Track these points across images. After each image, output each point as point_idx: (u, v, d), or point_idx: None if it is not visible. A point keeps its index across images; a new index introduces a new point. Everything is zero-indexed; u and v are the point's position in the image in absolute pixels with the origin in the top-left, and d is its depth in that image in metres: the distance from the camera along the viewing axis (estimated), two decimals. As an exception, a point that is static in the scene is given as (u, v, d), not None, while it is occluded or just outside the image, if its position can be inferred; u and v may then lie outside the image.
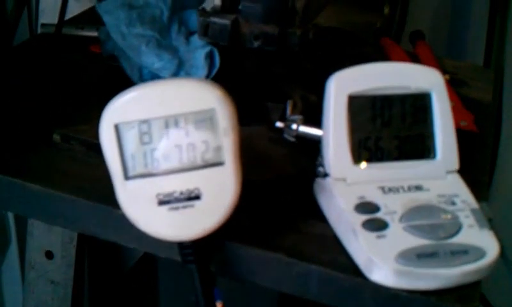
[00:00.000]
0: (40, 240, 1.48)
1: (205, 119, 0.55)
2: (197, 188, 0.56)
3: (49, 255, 1.48)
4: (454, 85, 0.91)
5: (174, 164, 0.56)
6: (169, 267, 1.37)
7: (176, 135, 0.55)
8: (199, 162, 0.56)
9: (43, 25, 0.99)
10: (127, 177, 0.56)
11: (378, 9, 1.12)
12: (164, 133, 0.55)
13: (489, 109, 0.90)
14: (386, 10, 1.12)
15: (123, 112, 0.55)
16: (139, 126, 0.55)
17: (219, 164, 0.56)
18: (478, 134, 0.79)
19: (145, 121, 0.55)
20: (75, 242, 1.48)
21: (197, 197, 0.56)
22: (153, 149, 0.55)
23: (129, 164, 0.56)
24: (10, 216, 1.55)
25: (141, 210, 0.57)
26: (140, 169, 0.56)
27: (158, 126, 0.55)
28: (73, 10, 1.14)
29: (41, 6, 1.25)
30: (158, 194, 0.56)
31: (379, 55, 0.95)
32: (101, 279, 1.70)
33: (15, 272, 1.61)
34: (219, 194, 0.57)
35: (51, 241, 1.47)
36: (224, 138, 0.55)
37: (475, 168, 0.74)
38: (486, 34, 1.20)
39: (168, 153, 0.55)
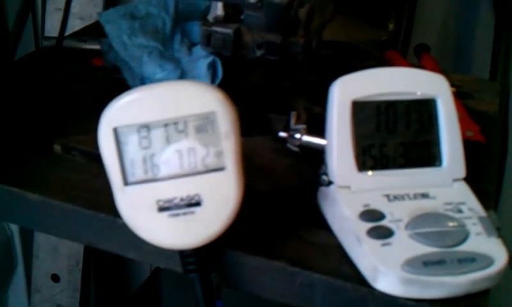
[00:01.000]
0: (45, 263, 1.48)
1: (205, 123, 0.54)
2: (197, 195, 0.55)
3: (55, 278, 1.48)
4: (460, 97, 0.90)
5: (174, 169, 0.55)
6: (173, 289, 1.37)
7: (176, 139, 0.54)
8: (199, 167, 0.55)
9: (45, 38, 0.99)
10: (126, 183, 0.55)
11: (383, 25, 1.12)
12: (163, 138, 0.54)
13: (495, 120, 0.89)
14: (391, 26, 1.12)
15: (121, 115, 0.54)
16: (138, 130, 0.54)
17: (220, 169, 0.55)
18: (484, 145, 0.78)
19: (144, 125, 0.54)
20: (81, 265, 1.48)
21: (198, 204, 0.55)
22: (152, 154, 0.54)
23: (128, 169, 0.54)
24: (16, 240, 1.55)
25: (141, 217, 0.55)
26: (140, 175, 0.55)
27: (157, 130, 0.54)
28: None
29: (49, 22, 1.26)
30: (158, 201, 0.55)
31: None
32: (107, 302, 1.69)
33: (21, 296, 1.61)
34: (220, 201, 0.55)
35: (57, 264, 1.48)
36: (225, 142, 0.54)
37: (482, 178, 0.73)
38: (492, 48, 1.19)
39: (167, 158, 0.54)
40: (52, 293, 1.50)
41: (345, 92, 0.62)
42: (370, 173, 0.62)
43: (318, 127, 0.65)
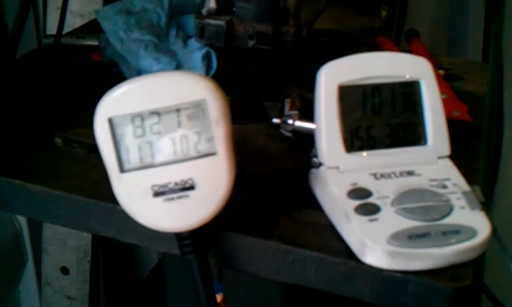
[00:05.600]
0: (55, 257, 1.50)
1: (196, 111, 0.57)
2: (191, 179, 0.57)
3: (65, 271, 1.51)
4: (450, 79, 0.92)
5: (168, 155, 0.57)
6: (177, 278, 1.39)
7: (169, 127, 0.57)
8: (192, 152, 0.57)
9: (46, 36, 1.01)
10: (122, 170, 0.57)
11: (376, 12, 1.13)
12: (157, 126, 0.57)
13: (484, 100, 0.91)
14: (384, 13, 1.13)
15: (116, 106, 0.56)
16: (132, 120, 0.56)
17: (211, 154, 0.57)
18: (471, 124, 0.80)
19: (138, 115, 0.56)
20: (89, 257, 1.50)
21: (191, 188, 0.57)
22: (147, 142, 0.57)
23: (124, 157, 0.57)
24: (26, 236, 1.57)
25: (138, 203, 0.58)
26: (135, 162, 0.57)
27: (151, 118, 0.56)
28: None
29: (50, 20, 1.28)
30: (153, 186, 0.57)
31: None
32: (116, 292, 1.71)
33: (32, 290, 1.63)
34: (212, 184, 0.58)
35: (66, 257, 1.50)
36: (216, 128, 0.57)
37: (469, 156, 0.75)
38: (483, 30, 1.20)
39: (161, 145, 0.57)
40: (62, 285, 1.52)
41: (332, 77, 0.64)
42: (357, 153, 0.64)
43: (311, 113, 0.68)
